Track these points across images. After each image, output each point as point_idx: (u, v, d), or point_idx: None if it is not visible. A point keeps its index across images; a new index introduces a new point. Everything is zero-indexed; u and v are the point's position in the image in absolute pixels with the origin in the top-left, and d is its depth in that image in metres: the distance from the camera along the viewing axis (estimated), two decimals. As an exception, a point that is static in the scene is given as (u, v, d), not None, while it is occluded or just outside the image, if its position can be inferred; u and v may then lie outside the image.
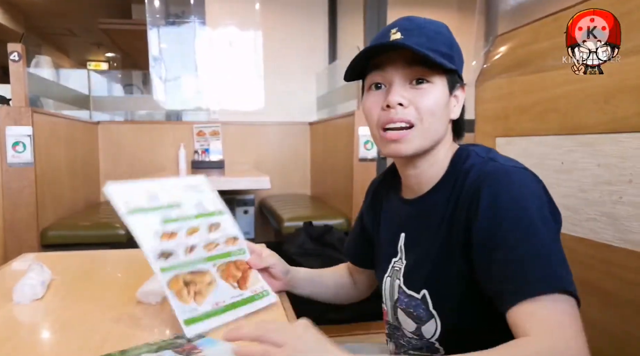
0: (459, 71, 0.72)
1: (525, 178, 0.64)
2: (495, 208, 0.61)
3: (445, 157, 0.73)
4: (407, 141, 0.68)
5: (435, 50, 0.66)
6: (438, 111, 0.68)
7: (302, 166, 3.50)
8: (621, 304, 0.87)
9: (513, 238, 0.58)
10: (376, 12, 2.46)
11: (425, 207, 0.73)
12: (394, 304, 0.78)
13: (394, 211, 0.81)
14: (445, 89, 0.70)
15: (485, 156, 0.68)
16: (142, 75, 4.30)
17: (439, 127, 0.70)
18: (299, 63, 3.54)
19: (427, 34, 0.68)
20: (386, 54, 0.69)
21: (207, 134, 3.26)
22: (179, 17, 3.51)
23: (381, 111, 0.69)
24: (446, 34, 0.71)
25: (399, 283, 0.76)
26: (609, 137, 0.89)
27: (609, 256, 0.89)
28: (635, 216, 0.84)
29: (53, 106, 2.89)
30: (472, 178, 0.65)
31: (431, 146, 0.70)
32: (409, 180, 0.76)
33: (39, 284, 0.82)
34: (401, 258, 0.77)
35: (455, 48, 0.71)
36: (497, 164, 0.65)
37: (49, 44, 7.17)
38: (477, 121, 1.32)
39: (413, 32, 0.68)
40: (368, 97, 0.72)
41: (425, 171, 0.73)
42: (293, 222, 2.43)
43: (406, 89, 0.68)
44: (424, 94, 0.68)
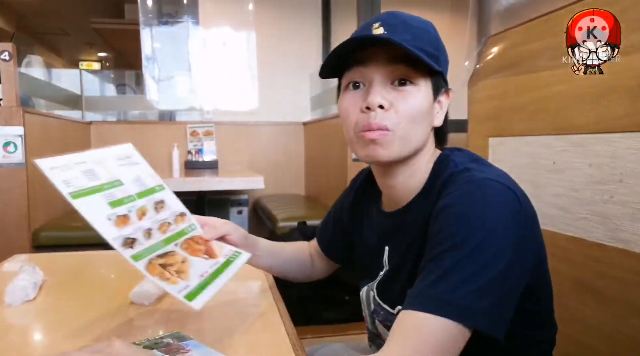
0: (444, 74, 0.66)
1: (495, 193, 0.57)
2: (441, 219, 0.57)
3: (426, 167, 0.67)
4: (385, 144, 0.62)
5: (421, 49, 0.60)
6: (419, 116, 0.63)
7: (296, 166, 3.50)
8: (613, 302, 0.88)
9: (440, 249, 0.55)
10: (369, 12, 2.46)
11: (405, 221, 0.68)
12: (371, 313, 0.75)
13: (374, 222, 0.76)
14: (430, 93, 0.64)
15: (462, 166, 0.63)
16: (135, 75, 4.28)
17: (419, 135, 0.64)
18: (293, 63, 3.54)
19: (413, 31, 0.62)
20: (367, 50, 0.63)
21: (201, 134, 3.24)
22: (172, 17, 3.49)
23: (360, 114, 0.63)
24: (432, 32, 0.66)
25: (373, 294, 0.74)
26: (600, 137, 0.90)
27: (600, 255, 0.90)
28: (626, 215, 0.85)
29: (45, 106, 2.87)
30: (447, 191, 0.60)
31: (411, 154, 0.65)
32: (387, 191, 0.71)
33: (30, 286, 0.81)
34: (387, 271, 0.73)
35: (441, 49, 0.66)
36: (469, 175, 0.60)
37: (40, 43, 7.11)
38: (469, 121, 1.33)
39: (397, 27, 0.62)
40: (345, 97, 0.66)
41: (404, 182, 0.67)
42: (287, 222, 2.42)
43: (387, 89, 0.62)
44: (406, 97, 0.62)
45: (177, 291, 0.60)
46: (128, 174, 0.72)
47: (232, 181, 2.33)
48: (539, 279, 0.64)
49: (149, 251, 0.64)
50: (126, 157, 0.75)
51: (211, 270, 0.68)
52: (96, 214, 0.62)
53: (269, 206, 2.85)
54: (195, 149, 3.21)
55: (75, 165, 0.65)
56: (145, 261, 0.62)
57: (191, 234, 0.74)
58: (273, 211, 2.68)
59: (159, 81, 3.44)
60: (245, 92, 3.50)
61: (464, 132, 1.36)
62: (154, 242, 0.67)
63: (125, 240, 0.62)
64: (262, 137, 3.45)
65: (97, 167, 0.68)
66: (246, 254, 0.76)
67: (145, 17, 3.38)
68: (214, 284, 0.65)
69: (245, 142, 3.40)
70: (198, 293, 0.62)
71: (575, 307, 0.96)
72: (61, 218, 2.36)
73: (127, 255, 0.61)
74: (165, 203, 0.75)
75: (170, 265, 0.64)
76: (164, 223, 0.71)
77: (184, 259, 0.67)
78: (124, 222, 0.65)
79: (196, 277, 0.65)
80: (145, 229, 0.67)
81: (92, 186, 0.65)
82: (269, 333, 0.68)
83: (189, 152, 3.21)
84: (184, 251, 0.70)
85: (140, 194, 0.71)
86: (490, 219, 0.55)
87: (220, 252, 0.74)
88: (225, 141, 3.31)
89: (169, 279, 0.61)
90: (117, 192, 0.68)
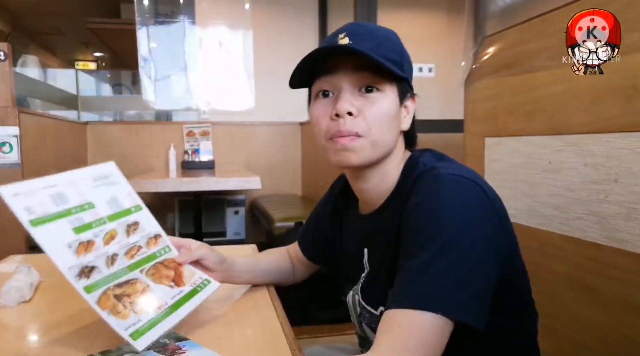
0: (409, 80, 0.69)
1: (460, 186, 0.59)
2: (412, 216, 0.59)
3: (396, 169, 0.70)
4: (356, 149, 0.65)
5: (385, 57, 0.63)
6: (387, 121, 0.65)
7: (293, 166, 3.50)
8: (609, 301, 0.88)
9: (415, 246, 0.57)
10: (366, 13, 2.47)
11: (380, 222, 0.70)
12: (358, 317, 0.77)
13: (352, 226, 0.79)
14: (396, 99, 0.67)
15: (429, 164, 0.66)
16: (131, 75, 4.27)
17: (388, 139, 0.67)
18: (290, 63, 3.45)
19: (378, 40, 0.65)
20: (334, 59, 0.65)
21: (197, 134, 3.24)
22: (169, 17, 3.48)
23: (330, 121, 0.65)
24: (396, 41, 0.69)
25: (358, 298, 0.75)
26: (595, 137, 0.91)
27: (596, 255, 0.91)
28: (621, 215, 0.85)
29: (40, 106, 2.86)
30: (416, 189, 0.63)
31: (381, 158, 0.68)
32: (361, 194, 0.74)
33: (26, 287, 0.80)
34: (368, 273, 0.75)
35: (405, 56, 0.69)
36: (435, 173, 0.62)
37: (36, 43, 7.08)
38: (466, 121, 1.33)
39: (362, 37, 0.65)
40: (315, 106, 0.68)
41: (377, 184, 0.70)
42: (284, 222, 2.42)
43: (355, 96, 0.65)
44: (373, 103, 0.65)
45: (124, 328, 0.58)
46: (102, 196, 0.71)
47: (228, 181, 2.32)
48: (514, 269, 0.66)
49: (108, 280, 0.63)
50: (104, 177, 0.74)
51: (172, 301, 0.66)
52: (55, 243, 0.61)
53: (265, 207, 2.85)
54: (191, 150, 3.21)
55: (43, 189, 0.64)
56: (99, 292, 0.61)
57: (163, 257, 0.73)
58: (270, 212, 2.68)
59: (155, 81, 3.43)
60: (241, 92, 3.49)
61: (461, 132, 1.36)
62: (117, 269, 0.65)
63: (82, 269, 0.61)
64: (259, 137, 3.45)
65: (69, 190, 0.67)
66: (215, 284, 0.73)
67: (142, 16, 3.37)
68: (168, 319, 0.63)
69: (242, 143, 3.40)
70: (146, 331, 0.60)
71: (571, 306, 0.96)
72: (57, 219, 2.35)
73: (79, 287, 0.59)
74: (139, 224, 0.73)
75: (128, 296, 0.63)
76: (133, 247, 0.70)
77: (144, 288, 0.65)
78: (87, 248, 0.64)
79: (151, 311, 0.63)
80: (110, 255, 0.66)
81: (58, 212, 0.63)
82: (266, 333, 0.68)
83: (186, 153, 3.20)
84: (150, 277, 0.68)
85: (112, 217, 0.70)
86: (459, 213, 0.57)
87: (190, 279, 0.72)
88: (221, 141, 3.31)
89: (119, 314, 0.60)
90: (86, 216, 0.66)
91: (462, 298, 0.54)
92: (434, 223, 0.56)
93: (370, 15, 2.44)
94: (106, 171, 0.75)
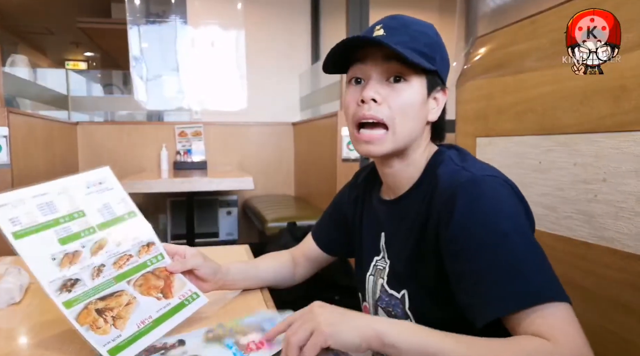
0: (440, 73, 0.71)
1: (497, 186, 0.63)
2: (468, 222, 0.60)
3: (421, 158, 0.73)
4: (378, 142, 0.68)
5: (415, 49, 0.66)
6: (411, 111, 0.68)
7: (286, 166, 3.50)
8: (598, 300, 0.89)
9: (487, 253, 0.58)
10: (358, 12, 2.47)
11: (402, 208, 0.73)
12: (375, 303, 0.78)
13: (374, 210, 0.81)
14: (423, 90, 0.69)
15: (460, 163, 0.68)
16: (123, 75, 4.24)
17: (412, 128, 0.69)
18: (282, 63, 3.53)
19: (410, 33, 0.68)
20: (367, 49, 0.69)
21: (189, 134, 3.22)
22: (160, 16, 3.46)
23: (357, 106, 0.69)
24: (431, 35, 0.70)
25: (382, 282, 0.76)
26: (585, 137, 0.92)
27: (585, 253, 0.92)
28: (610, 214, 0.86)
29: (30, 106, 2.83)
30: (444, 185, 0.65)
31: (405, 147, 0.70)
32: (386, 179, 0.77)
33: (16, 288, 0.80)
34: (384, 257, 0.77)
35: (438, 49, 0.70)
36: (468, 173, 0.64)
37: (25, 42, 7.00)
38: (457, 121, 1.34)
39: (397, 30, 0.68)
40: (347, 92, 0.72)
41: (401, 171, 0.73)
42: (277, 223, 2.42)
43: (383, 85, 0.68)
44: (399, 92, 0.67)
45: (102, 344, 0.58)
46: (94, 203, 0.70)
47: (221, 182, 2.32)
48: None
49: (90, 294, 0.62)
50: (98, 183, 0.73)
51: (157, 315, 0.65)
52: (38, 255, 0.60)
53: (258, 207, 2.85)
54: (184, 150, 3.19)
55: (33, 198, 0.63)
56: (80, 306, 0.60)
57: (155, 266, 0.72)
58: (262, 212, 2.67)
59: (147, 81, 3.41)
60: (234, 92, 3.48)
61: (452, 133, 1.37)
62: (102, 281, 0.64)
63: (64, 283, 0.61)
64: (252, 137, 3.44)
65: (59, 198, 0.66)
66: (203, 300, 0.72)
67: (133, 16, 3.35)
68: (150, 335, 0.62)
69: (235, 143, 3.39)
70: (126, 346, 0.59)
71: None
72: (47, 220, 2.33)
73: (58, 302, 0.59)
74: (131, 232, 0.72)
75: (110, 309, 0.62)
76: (123, 256, 0.69)
77: (129, 301, 0.65)
78: (72, 260, 0.63)
79: (133, 325, 0.62)
80: (97, 266, 0.65)
81: (45, 222, 0.63)
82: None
83: (178, 153, 3.18)
84: (137, 288, 0.67)
85: (102, 225, 0.69)
86: (508, 208, 0.60)
87: (180, 290, 0.71)
88: (214, 142, 3.30)
89: (99, 329, 0.59)
90: (74, 225, 0.66)
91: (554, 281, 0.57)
92: (493, 225, 0.58)
93: (363, 15, 2.45)
94: (101, 176, 0.74)
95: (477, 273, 0.58)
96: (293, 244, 0.99)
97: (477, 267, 0.58)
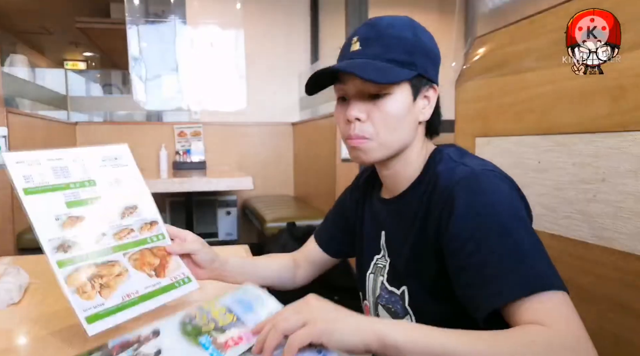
0: (425, 73, 0.70)
1: (497, 180, 0.63)
2: (469, 216, 0.61)
3: (418, 158, 0.73)
4: (366, 150, 0.69)
5: (392, 60, 0.67)
6: (396, 122, 0.68)
7: (285, 166, 3.50)
8: (596, 299, 0.89)
9: (490, 244, 0.58)
10: (357, 12, 2.47)
11: (401, 207, 0.74)
12: (376, 300, 0.79)
13: (374, 209, 0.82)
14: (407, 96, 0.69)
15: (458, 159, 0.68)
16: (122, 75, 4.24)
17: (399, 137, 0.70)
18: (282, 63, 3.53)
19: (386, 43, 0.67)
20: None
21: (189, 134, 3.22)
22: (159, 16, 3.46)
23: (345, 124, 0.71)
24: (408, 37, 0.68)
25: (382, 279, 0.77)
26: (584, 137, 0.92)
27: (584, 253, 0.92)
28: (608, 214, 0.86)
29: (29, 106, 2.83)
30: (443, 182, 0.65)
31: (398, 151, 0.71)
32: (385, 180, 0.78)
33: (15, 289, 0.80)
34: (384, 255, 0.78)
35: (418, 50, 0.69)
36: (467, 168, 0.65)
37: (23, 42, 6.99)
38: (457, 121, 1.34)
39: (371, 41, 0.68)
40: (336, 109, 0.74)
41: (399, 171, 0.74)
42: (276, 223, 2.42)
43: (365, 101, 0.69)
44: (380, 107, 0.68)
45: (82, 309, 0.58)
46: (107, 176, 0.71)
47: (220, 182, 2.32)
48: None
49: (85, 258, 0.62)
50: (114, 158, 0.74)
51: (144, 291, 0.65)
52: (43, 213, 0.61)
53: (257, 207, 2.85)
54: (183, 150, 3.19)
55: (48, 161, 0.65)
56: (71, 268, 0.61)
57: (154, 244, 0.72)
58: (262, 212, 2.67)
59: (146, 81, 3.41)
60: (233, 93, 3.49)
61: (451, 133, 1.37)
62: (100, 248, 0.65)
63: (62, 243, 0.61)
64: (251, 137, 3.44)
65: (73, 165, 0.67)
66: (194, 285, 0.72)
67: (132, 16, 3.35)
68: (132, 309, 0.62)
69: (234, 143, 3.39)
70: (105, 316, 0.59)
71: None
72: (46, 220, 2.33)
73: (52, 260, 0.59)
74: (137, 208, 0.73)
75: (100, 277, 0.62)
76: (124, 229, 0.69)
77: (120, 273, 0.65)
78: (74, 223, 0.64)
79: (119, 297, 0.62)
80: (96, 234, 0.65)
81: (56, 184, 0.64)
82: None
83: (177, 153, 3.18)
84: (132, 262, 0.67)
85: (110, 197, 0.70)
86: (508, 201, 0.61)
87: (173, 272, 0.71)
88: (213, 142, 3.30)
89: (85, 294, 0.59)
90: (83, 192, 0.67)
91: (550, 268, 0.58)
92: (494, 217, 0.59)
93: (362, 15, 2.45)
94: (117, 152, 0.75)
95: (479, 265, 0.58)
96: (292, 245, 1.00)
97: (479, 259, 0.58)
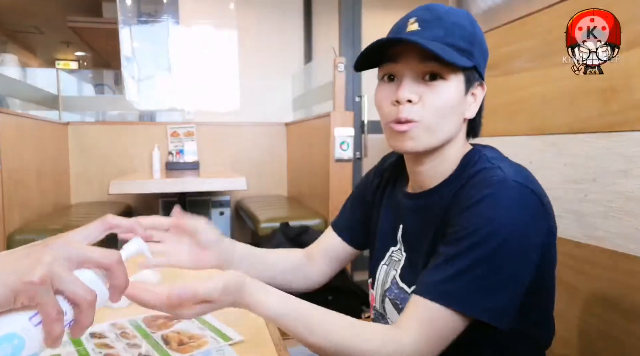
0: (478, 68, 0.67)
1: (524, 196, 0.60)
2: (475, 214, 0.59)
3: (455, 156, 0.70)
4: (413, 137, 0.65)
5: (452, 45, 0.63)
6: (447, 110, 0.65)
7: (279, 166, 3.49)
8: (587, 298, 0.90)
9: (461, 244, 0.59)
10: (350, 13, 2.48)
11: (426, 203, 0.71)
12: (384, 292, 0.76)
13: (396, 202, 0.78)
14: (461, 87, 0.66)
15: (495, 163, 0.65)
16: (114, 74, 4.21)
17: (447, 127, 0.66)
18: (275, 64, 3.53)
19: (446, 26, 0.64)
20: (399, 47, 0.65)
21: (182, 135, 3.21)
22: (152, 16, 3.44)
23: (391, 106, 0.66)
24: (467, 26, 0.66)
25: (394, 274, 0.75)
26: (575, 137, 0.93)
27: (575, 252, 0.93)
28: (599, 213, 0.87)
29: (20, 106, 2.80)
30: (475, 181, 0.63)
31: (440, 145, 0.67)
32: (416, 176, 0.73)
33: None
34: (400, 249, 0.75)
35: (476, 42, 0.66)
36: (502, 174, 0.62)
37: (14, 42, 6.92)
38: (450, 122, 1.35)
39: (431, 23, 0.64)
40: (380, 89, 0.69)
41: (432, 169, 0.70)
42: (269, 223, 2.42)
43: (418, 83, 0.65)
44: (435, 92, 0.64)
45: None
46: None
47: (213, 182, 2.31)
48: (546, 280, 0.68)
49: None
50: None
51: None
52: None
53: (251, 207, 2.84)
54: (176, 150, 3.18)
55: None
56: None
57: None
58: (255, 212, 2.67)
59: (138, 81, 3.39)
60: (226, 93, 3.47)
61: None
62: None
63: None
64: (244, 137, 3.43)
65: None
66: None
67: (124, 16, 3.33)
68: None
69: (227, 143, 3.38)
70: None
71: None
72: (36, 221, 2.31)
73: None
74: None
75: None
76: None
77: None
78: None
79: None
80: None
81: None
82: (252, 331, 0.68)
83: (170, 153, 3.17)
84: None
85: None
86: (512, 224, 0.59)
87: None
88: (206, 142, 3.28)
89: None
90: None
91: (493, 302, 0.58)
92: (485, 228, 0.58)
93: (355, 16, 2.46)
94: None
95: (444, 257, 0.60)
96: (286, 245, 0.98)
97: (451, 252, 0.59)
